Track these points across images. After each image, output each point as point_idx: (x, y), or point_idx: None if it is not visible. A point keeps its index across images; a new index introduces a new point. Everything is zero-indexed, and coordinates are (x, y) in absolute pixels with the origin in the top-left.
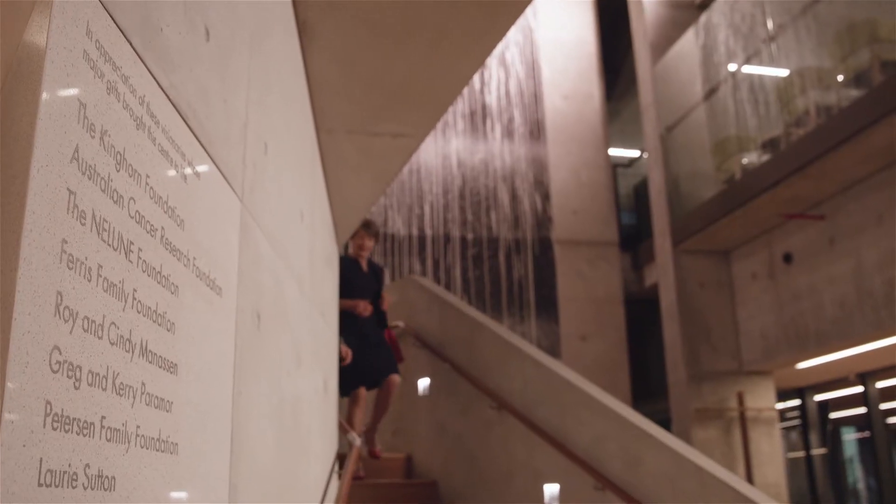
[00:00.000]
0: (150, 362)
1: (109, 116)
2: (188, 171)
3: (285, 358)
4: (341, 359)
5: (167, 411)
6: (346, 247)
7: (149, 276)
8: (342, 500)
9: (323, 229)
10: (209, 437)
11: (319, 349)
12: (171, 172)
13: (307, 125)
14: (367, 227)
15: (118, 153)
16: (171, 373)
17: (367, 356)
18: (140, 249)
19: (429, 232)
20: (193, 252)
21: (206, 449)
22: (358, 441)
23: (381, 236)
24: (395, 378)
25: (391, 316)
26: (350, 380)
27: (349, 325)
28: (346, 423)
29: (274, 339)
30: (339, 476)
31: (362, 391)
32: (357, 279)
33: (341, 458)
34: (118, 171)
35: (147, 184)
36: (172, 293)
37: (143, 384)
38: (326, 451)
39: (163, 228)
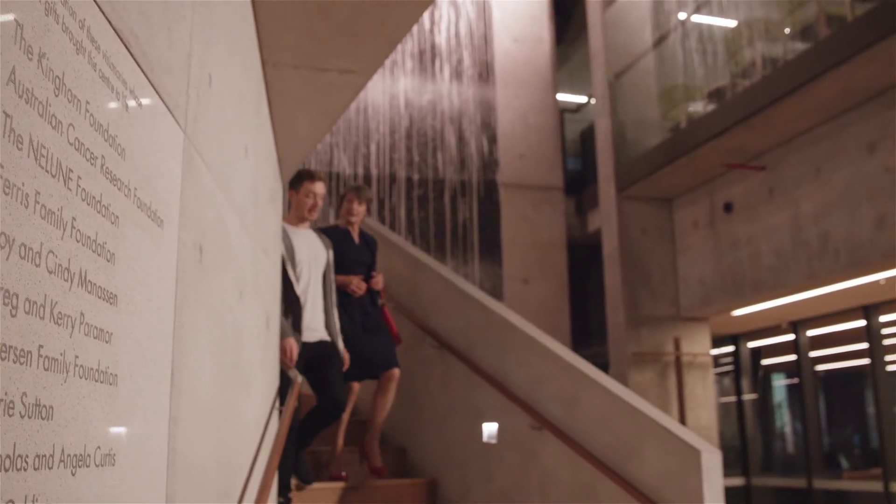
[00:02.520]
0: (90, 292)
1: (48, 39)
2: (129, 99)
3: (227, 292)
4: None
5: (106, 342)
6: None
7: (88, 204)
8: (282, 435)
9: (267, 165)
10: (149, 370)
11: (261, 285)
12: (112, 100)
13: (253, 58)
14: (358, 190)
15: (57, 77)
16: (111, 304)
17: (361, 343)
18: (79, 177)
19: (374, 171)
20: (134, 182)
21: (146, 381)
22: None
23: (372, 201)
24: (395, 372)
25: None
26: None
27: (340, 306)
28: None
29: (216, 274)
30: (280, 412)
31: (354, 386)
32: (348, 251)
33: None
34: (57, 95)
35: (87, 110)
36: (112, 223)
37: (82, 314)
38: (268, 387)
39: (103, 157)
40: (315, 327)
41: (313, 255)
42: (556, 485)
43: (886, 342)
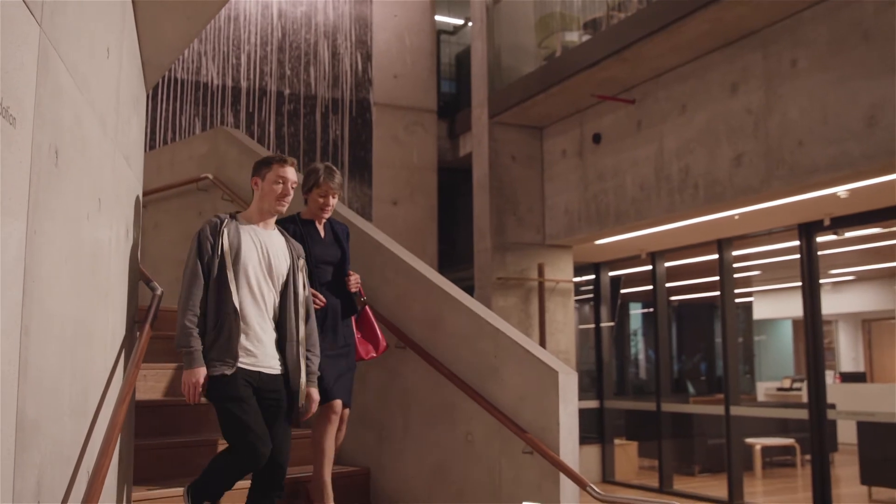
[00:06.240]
0: None
1: None
2: None
3: (85, 199)
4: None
5: None
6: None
7: None
8: (141, 350)
9: (131, 69)
10: None
11: (121, 195)
12: None
13: None
14: (332, 177)
15: None
16: None
17: (321, 368)
18: None
19: (244, 84)
20: None
21: None
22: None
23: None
24: (345, 414)
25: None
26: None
27: None
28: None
29: (73, 179)
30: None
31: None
32: (312, 250)
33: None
34: None
35: None
36: None
37: None
38: (126, 298)
39: None
40: (262, 354)
41: (269, 261)
42: (418, 403)
43: (737, 275)
